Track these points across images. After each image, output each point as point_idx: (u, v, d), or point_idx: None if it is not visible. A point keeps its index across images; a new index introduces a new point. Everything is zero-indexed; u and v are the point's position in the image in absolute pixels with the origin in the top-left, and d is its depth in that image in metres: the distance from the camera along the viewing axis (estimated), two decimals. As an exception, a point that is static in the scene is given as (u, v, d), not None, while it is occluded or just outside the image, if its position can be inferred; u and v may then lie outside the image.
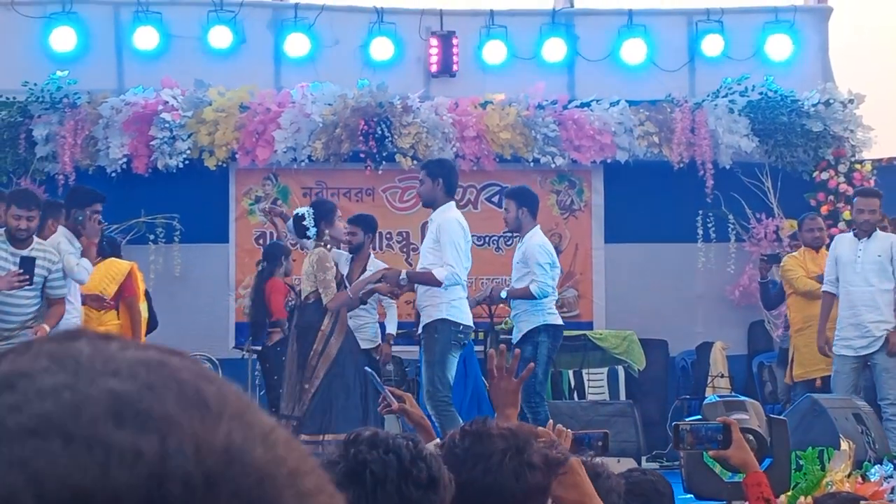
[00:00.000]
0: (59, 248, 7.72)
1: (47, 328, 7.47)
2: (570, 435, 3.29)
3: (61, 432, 0.66)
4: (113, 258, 8.59)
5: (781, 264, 9.84)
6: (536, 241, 8.55)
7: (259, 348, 9.60)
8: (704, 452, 3.99)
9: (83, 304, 8.20)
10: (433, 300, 8.00)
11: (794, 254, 9.91)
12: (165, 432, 0.67)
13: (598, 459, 3.34)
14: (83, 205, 8.00)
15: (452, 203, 8.17)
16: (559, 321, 8.63)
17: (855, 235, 8.85)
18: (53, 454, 0.65)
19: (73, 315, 7.91)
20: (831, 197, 11.06)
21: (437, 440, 2.59)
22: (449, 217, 7.99)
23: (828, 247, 9.27)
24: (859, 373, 8.78)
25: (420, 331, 8.22)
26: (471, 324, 8.17)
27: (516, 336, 8.60)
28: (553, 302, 8.68)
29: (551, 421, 3.29)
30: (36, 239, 7.63)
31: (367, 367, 6.07)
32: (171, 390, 0.68)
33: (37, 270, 7.50)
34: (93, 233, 7.89)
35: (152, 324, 8.96)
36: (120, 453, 0.65)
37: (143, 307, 8.68)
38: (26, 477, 0.64)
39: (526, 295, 8.42)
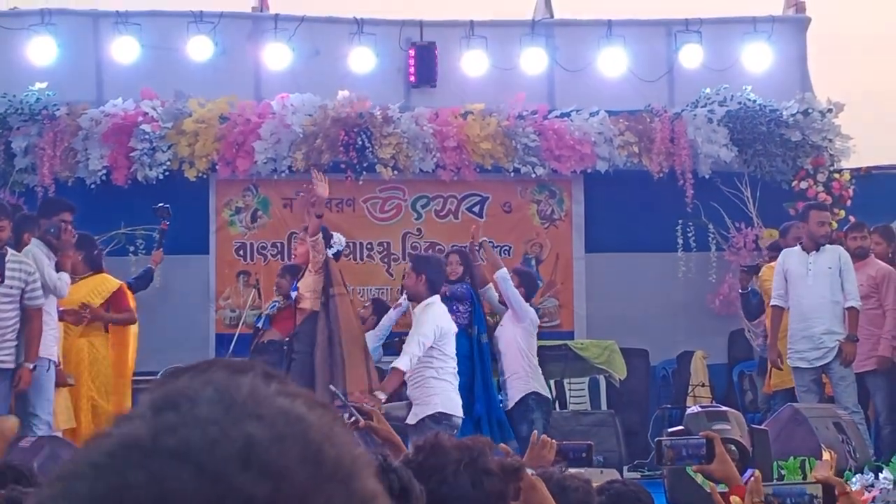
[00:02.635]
0: (34, 258, 7.66)
1: (29, 367, 7.43)
2: (555, 446, 3.29)
3: (196, 462, 0.77)
4: (104, 274, 8.61)
5: (759, 275, 9.90)
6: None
7: None
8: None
9: (60, 319, 8.14)
10: (428, 391, 7.85)
11: (771, 264, 9.94)
12: (279, 483, 0.77)
13: (568, 471, 3.33)
14: (50, 214, 7.96)
15: (436, 297, 7.99)
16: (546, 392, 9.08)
17: (803, 249, 8.92)
18: (184, 480, 0.76)
19: (51, 327, 7.84)
20: (810, 206, 11.11)
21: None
22: (427, 316, 7.85)
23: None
24: (819, 384, 8.87)
25: (410, 420, 7.84)
26: (461, 414, 7.97)
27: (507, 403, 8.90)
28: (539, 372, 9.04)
29: (535, 431, 3.29)
30: (10, 250, 7.57)
31: (330, 385, 6.04)
32: (298, 445, 0.79)
33: (15, 283, 7.44)
34: (66, 245, 7.78)
35: None
36: (237, 492, 0.76)
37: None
38: (157, 493, 0.76)
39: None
